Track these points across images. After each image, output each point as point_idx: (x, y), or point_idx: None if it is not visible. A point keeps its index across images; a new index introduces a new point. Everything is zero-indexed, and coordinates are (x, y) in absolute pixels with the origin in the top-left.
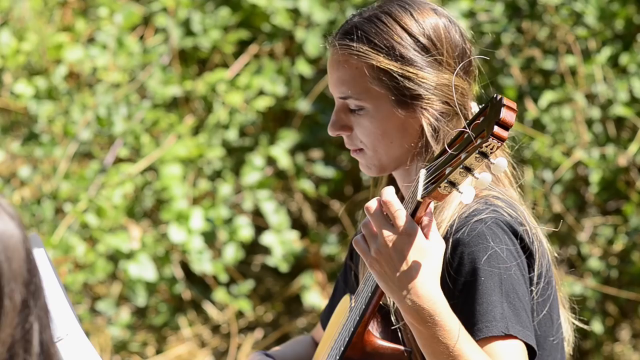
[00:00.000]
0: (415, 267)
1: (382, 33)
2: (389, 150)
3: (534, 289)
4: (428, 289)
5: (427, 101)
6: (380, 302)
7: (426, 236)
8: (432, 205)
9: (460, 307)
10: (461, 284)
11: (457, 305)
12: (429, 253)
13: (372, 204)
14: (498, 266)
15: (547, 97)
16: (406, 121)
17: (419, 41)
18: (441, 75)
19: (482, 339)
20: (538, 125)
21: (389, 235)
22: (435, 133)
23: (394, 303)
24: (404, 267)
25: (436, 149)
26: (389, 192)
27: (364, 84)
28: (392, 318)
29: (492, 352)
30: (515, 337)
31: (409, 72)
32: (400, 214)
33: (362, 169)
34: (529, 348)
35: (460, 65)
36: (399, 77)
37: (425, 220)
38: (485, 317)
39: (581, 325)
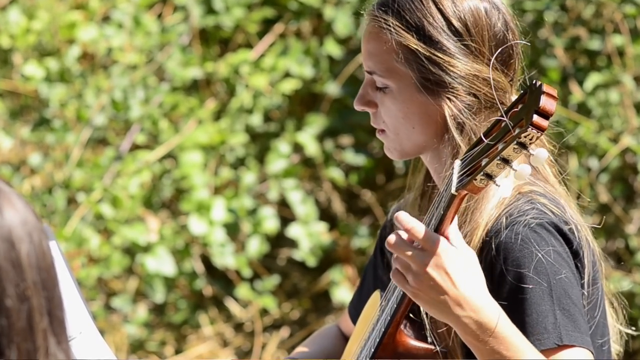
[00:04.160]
0: (461, 281)
1: (416, 10)
2: (411, 135)
3: (584, 292)
4: (482, 299)
5: (451, 90)
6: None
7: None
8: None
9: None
10: (505, 292)
11: None
12: (466, 261)
13: (391, 237)
14: (546, 272)
15: (593, 79)
16: (429, 108)
17: (451, 24)
18: (472, 65)
19: None
20: (583, 109)
21: (419, 259)
22: (459, 126)
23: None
24: (449, 285)
25: (460, 143)
26: (402, 217)
27: (390, 62)
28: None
29: None
30: (572, 346)
31: (435, 55)
32: (420, 232)
33: (385, 151)
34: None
35: (495, 55)
36: (424, 60)
37: (447, 230)
38: (536, 329)
39: (627, 329)
